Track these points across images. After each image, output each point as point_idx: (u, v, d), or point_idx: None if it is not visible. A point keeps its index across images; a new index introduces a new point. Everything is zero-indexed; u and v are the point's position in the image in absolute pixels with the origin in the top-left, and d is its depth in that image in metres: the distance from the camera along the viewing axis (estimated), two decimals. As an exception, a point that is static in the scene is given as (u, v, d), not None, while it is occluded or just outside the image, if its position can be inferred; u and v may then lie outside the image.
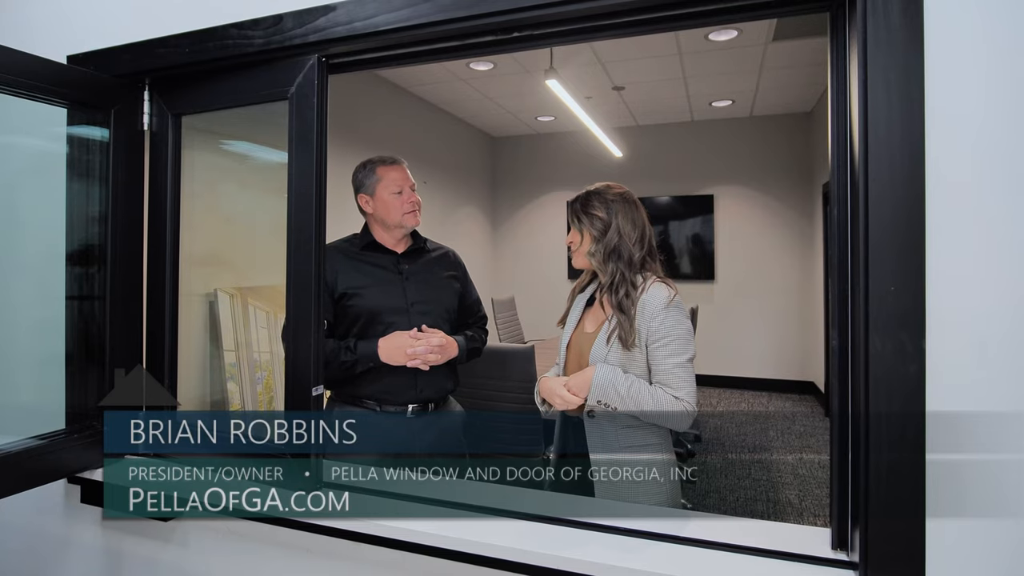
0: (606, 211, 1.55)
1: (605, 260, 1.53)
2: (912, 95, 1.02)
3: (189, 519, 1.61)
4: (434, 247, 2.03)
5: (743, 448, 4.47)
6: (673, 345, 1.45)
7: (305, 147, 1.43)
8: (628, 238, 1.53)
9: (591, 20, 1.30)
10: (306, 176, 1.43)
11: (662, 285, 1.49)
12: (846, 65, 1.15)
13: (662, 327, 1.44)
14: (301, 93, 1.46)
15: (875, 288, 1.03)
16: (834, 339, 1.15)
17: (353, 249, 1.93)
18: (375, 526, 1.32)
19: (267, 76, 1.52)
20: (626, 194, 1.59)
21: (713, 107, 5.88)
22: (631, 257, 1.52)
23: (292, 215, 1.45)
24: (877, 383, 1.03)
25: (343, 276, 1.86)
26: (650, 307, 1.46)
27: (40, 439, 1.58)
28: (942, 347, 1.01)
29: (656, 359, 1.45)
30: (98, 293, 1.70)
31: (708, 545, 1.20)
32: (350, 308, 1.85)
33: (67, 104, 1.66)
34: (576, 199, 1.61)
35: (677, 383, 1.44)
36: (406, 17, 1.34)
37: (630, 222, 1.55)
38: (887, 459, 1.01)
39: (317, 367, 1.45)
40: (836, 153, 1.15)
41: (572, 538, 1.25)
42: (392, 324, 1.83)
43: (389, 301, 1.86)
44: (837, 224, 1.14)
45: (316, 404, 1.42)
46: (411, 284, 1.90)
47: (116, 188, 1.70)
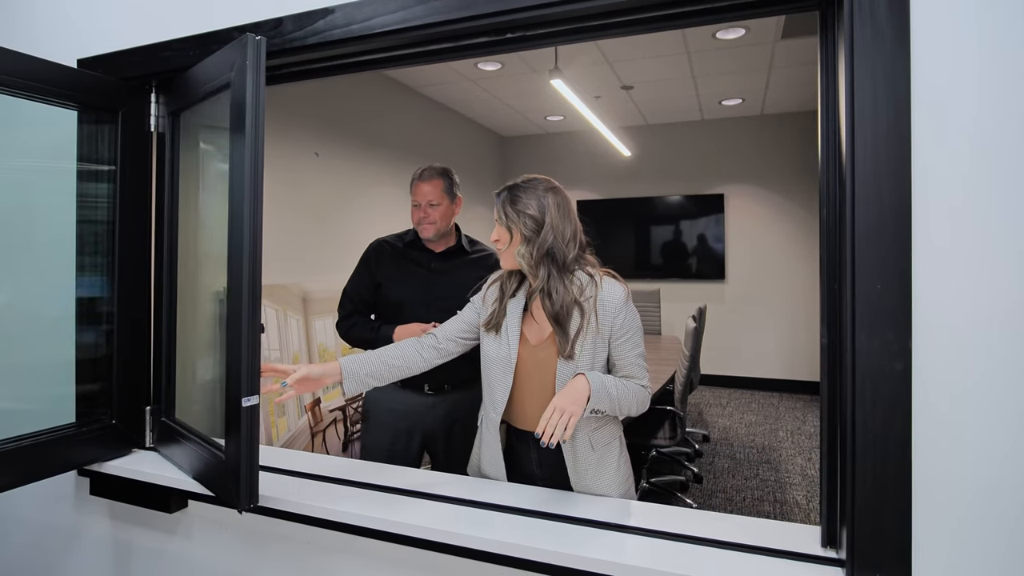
0: (538, 207, 1.43)
1: (537, 263, 1.43)
2: (898, 93, 1.02)
3: (193, 512, 1.65)
4: (478, 251, 2.20)
5: (752, 448, 4.45)
6: (636, 338, 1.47)
7: (239, 137, 1.30)
8: (562, 237, 1.43)
9: (584, 20, 1.31)
10: (240, 170, 1.30)
11: (614, 281, 1.49)
12: (835, 64, 1.16)
13: (625, 323, 1.45)
14: (238, 79, 1.31)
15: (862, 286, 1.04)
16: (823, 337, 1.15)
17: (400, 244, 2.15)
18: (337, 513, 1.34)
19: (219, 63, 1.42)
20: (557, 188, 1.49)
21: (723, 106, 5.85)
22: (564, 258, 1.43)
23: (231, 211, 1.34)
24: (863, 381, 1.03)
25: (383, 267, 2.10)
26: (611, 305, 1.45)
27: (50, 433, 1.63)
28: (929, 345, 1.01)
29: (620, 352, 1.46)
30: (106, 292, 1.74)
31: (697, 541, 1.21)
32: (383, 296, 2.10)
33: (77, 107, 1.71)
34: (502, 191, 1.49)
35: (640, 372, 1.48)
36: (401, 19, 1.36)
37: (563, 217, 1.45)
38: (872, 457, 1.01)
39: (250, 374, 1.29)
40: (825, 152, 1.16)
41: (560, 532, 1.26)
42: (415, 315, 2.03)
43: (414, 294, 2.07)
44: (826, 223, 1.14)
45: (248, 416, 1.27)
46: (437, 281, 2.09)
47: (124, 188, 1.74)
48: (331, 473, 1.57)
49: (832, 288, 1.14)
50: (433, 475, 1.61)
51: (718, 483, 3.78)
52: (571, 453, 1.48)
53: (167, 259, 1.76)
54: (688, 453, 4.17)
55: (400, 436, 2.06)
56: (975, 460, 0.99)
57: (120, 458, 1.71)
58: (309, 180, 4.04)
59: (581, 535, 1.25)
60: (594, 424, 1.49)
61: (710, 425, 5.04)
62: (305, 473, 1.57)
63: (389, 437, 2.06)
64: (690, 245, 6.58)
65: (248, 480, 1.31)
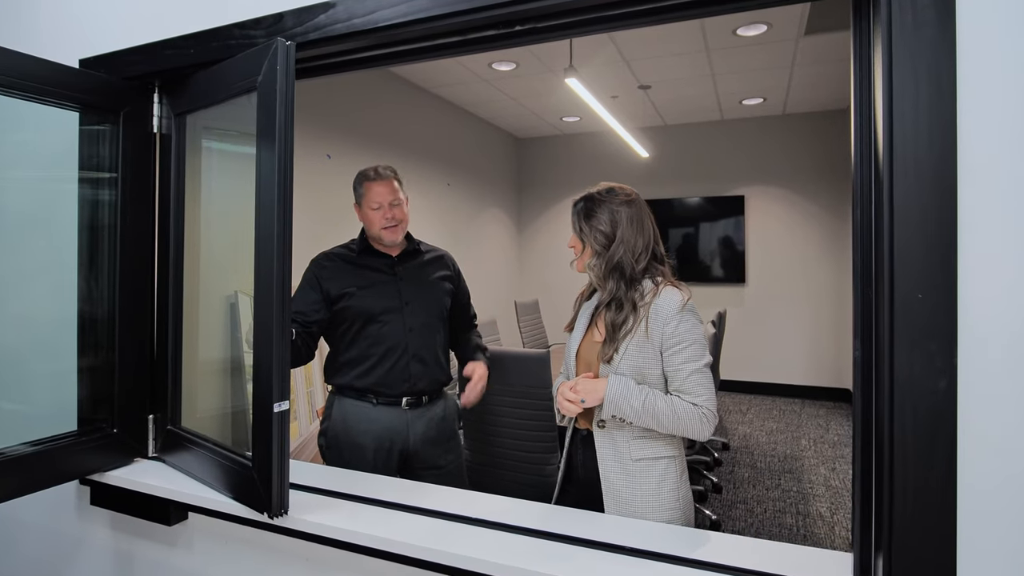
0: (610, 222, 1.45)
1: (605, 277, 1.44)
2: (942, 86, 0.93)
3: (193, 524, 1.60)
4: (428, 249, 2.11)
5: (773, 457, 4.32)
6: (689, 350, 1.37)
7: (268, 143, 1.28)
8: (632, 252, 1.43)
9: (598, 11, 1.24)
10: (269, 174, 1.27)
11: (674, 289, 1.42)
12: (870, 57, 1.07)
13: (677, 332, 1.37)
14: (266, 82, 1.29)
15: (901, 295, 0.95)
16: (857, 350, 1.06)
17: (351, 254, 2.00)
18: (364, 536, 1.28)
19: (242, 66, 1.39)
20: (634, 199, 1.48)
21: (744, 105, 5.72)
22: (632, 273, 1.42)
23: (258, 216, 1.31)
24: (903, 399, 0.94)
25: (338, 280, 1.93)
26: (663, 312, 1.38)
27: (51, 442, 1.59)
28: (976, 361, 0.92)
29: (672, 365, 1.38)
30: (108, 297, 1.70)
31: (723, 570, 1.13)
32: (346, 310, 1.92)
33: (79, 108, 1.68)
34: (578, 202, 1.52)
35: (695, 389, 1.36)
36: (405, 12, 1.30)
37: (636, 231, 1.45)
38: (913, 483, 0.92)
39: (281, 380, 1.27)
40: (859, 151, 1.07)
41: (573, 557, 1.18)
42: (387, 323, 1.92)
43: (384, 301, 1.94)
44: (860, 226, 1.05)
45: (279, 422, 1.26)
46: (405, 284, 1.98)
47: (125, 190, 1.70)
48: (337, 487, 1.50)
49: (867, 296, 1.05)
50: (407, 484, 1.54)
51: (739, 493, 3.67)
52: (605, 456, 1.42)
53: (172, 263, 1.71)
54: (707, 462, 4.06)
55: (379, 455, 1.89)
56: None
57: (122, 467, 1.66)
58: (321, 183, 4.00)
59: (588, 558, 1.17)
60: (637, 432, 1.40)
61: (730, 433, 4.91)
62: (309, 487, 1.51)
63: (369, 459, 1.89)
64: (710, 248, 6.45)
65: (280, 487, 1.29)
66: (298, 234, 1.31)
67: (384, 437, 1.90)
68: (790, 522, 3.28)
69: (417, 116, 5.14)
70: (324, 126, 4.05)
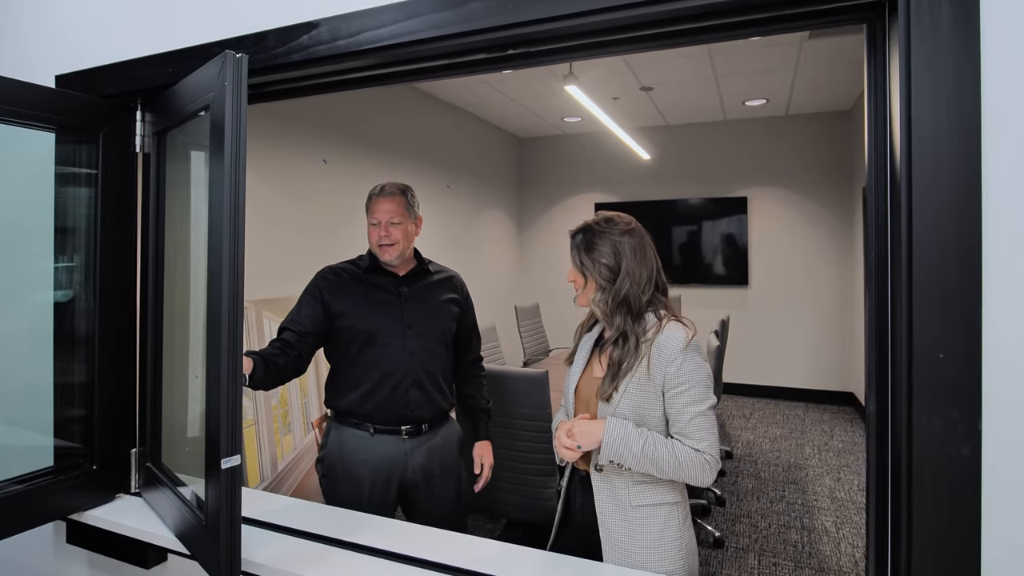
0: (613, 254, 1.36)
1: (612, 312, 1.36)
2: (965, 109, 0.86)
3: (172, 567, 1.54)
4: (437, 270, 2.01)
5: (777, 466, 4.25)
6: (692, 392, 1.29)
7: (218, 163, 1.17)
8: (638, 284, 1.35)
9: (596, 36, 1.16)
10: (218, 194, 1.16)
11: (678, 325, 1.34)
12: (885, 76, 0.99)
13: (680, 372, 1.29)
14: (218, 97, 1.19)
15: (920, 352, 0.88)
16: (871, 404, 0.99)
17: (357, 270, 1.92)
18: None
19: (199, 80, 1.31)
20: (634, 228, 1.40)
21: (747, 106, 5.63)
22: (640, 306, 1.35)
23: (209, 258, 1.21)
24: (922, 466, 0.87)
25: (341, 296, 1.86)
26: (667, 350, 1.30)
27: (29, 481, 1.52)
28: (1003, 426, 0.85)
29: (674, 407, 1.30)
30: (87, 327, 1.64)
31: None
32: (345, 329, 1.85)
33: (54, 129, 1.61)
34: (576, 233, 1.42)
35: (698, 434, 1.28)
36: (392, 34, 1.23)
37: (640, 262, 1.37)
38: (933, 562, 0.86)
39: (232, 431, 1.13)
40: (874, 189, 0.99)
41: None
42: (388, 345, 1.84)
43: (385, 323, 1.86)
44: (875, 274, 0.98)
45: (228, 479, 1.13)
46: (409, 306, 1.89)
47: (105, 213, 1.64)
48: (325, 531, 1.43)
49: (882, 349, 0.98)
50: (398, 527, 1.47)
51: (742, 506, 3.60)
52: (604, 503, 1.35)
53: (152, 290, 1.64)
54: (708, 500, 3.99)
55: (376, 488, 1.81)
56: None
57: (103, 505, 1.60)
58: (317, 189, 3.93)
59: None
60: (637, 477, 1.33)
61: (733, 439, 4.84)
62: (295, 530, 1.44)
63: (366, 491, 1.81)
64: (712, 250, 6.36)
65: (228, 548, 1.17)
66: (292, 244, 1.24)
67: (382, 468, 1.81)
68: (795, 538, 3.21)
69: (416, 118, 5.05)
70: (319, 129, 3.97)
